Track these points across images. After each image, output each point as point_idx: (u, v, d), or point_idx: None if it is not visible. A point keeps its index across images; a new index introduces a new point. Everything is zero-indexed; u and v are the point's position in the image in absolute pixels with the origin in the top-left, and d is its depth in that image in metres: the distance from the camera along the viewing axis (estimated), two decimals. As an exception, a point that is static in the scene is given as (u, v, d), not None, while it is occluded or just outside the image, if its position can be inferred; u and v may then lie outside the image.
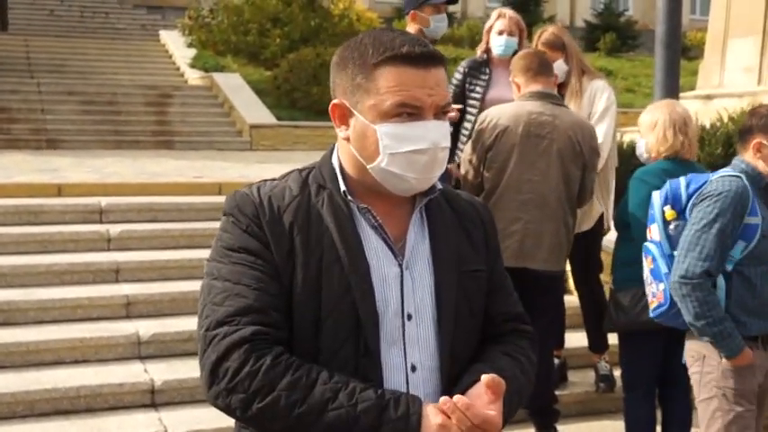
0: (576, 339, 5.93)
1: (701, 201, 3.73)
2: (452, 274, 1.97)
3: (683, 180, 3.91)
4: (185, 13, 19.72)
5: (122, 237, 7.03)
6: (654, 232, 3.99)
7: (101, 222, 7.30)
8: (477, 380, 1.82)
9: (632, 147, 5.78)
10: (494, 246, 2.12)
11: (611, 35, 23.57)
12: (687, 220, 3.81)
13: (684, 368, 4.72)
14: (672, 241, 3.87)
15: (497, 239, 2.16)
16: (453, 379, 1.91)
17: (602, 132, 5.30)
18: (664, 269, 3.89)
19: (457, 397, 1.75)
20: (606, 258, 5.69)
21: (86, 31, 21.33)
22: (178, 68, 17.70)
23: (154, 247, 7.02)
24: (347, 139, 1.94)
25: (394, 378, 1.88)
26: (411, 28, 5.59)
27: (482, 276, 2.04)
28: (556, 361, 5.61)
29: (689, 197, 3.83)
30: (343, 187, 1.94)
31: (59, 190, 7.89)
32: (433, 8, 5.48)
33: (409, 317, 1.92)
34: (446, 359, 1.93)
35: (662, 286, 3.91)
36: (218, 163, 11.10)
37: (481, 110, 5.37)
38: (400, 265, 1.93)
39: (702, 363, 3.80)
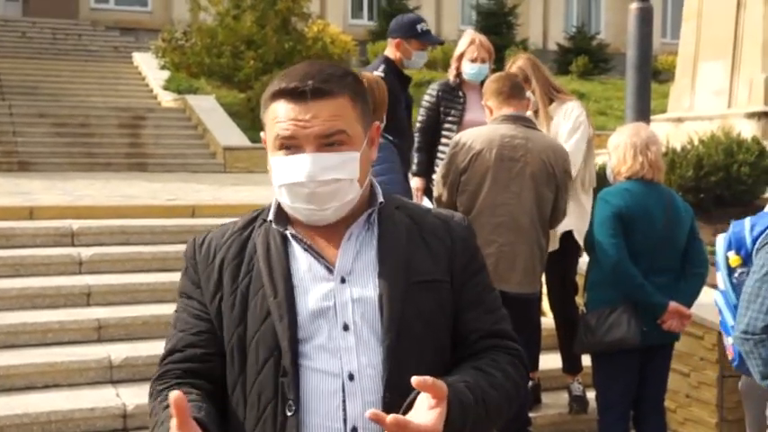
0: (550, 361, 5.93)
1: (763, 246, 3.24)
2: (398, 285, 1.97)
3: (747, 222, 3.51)
4: (159, 36, 19.68)
5: (94, 260, 6.97)
6: (719, 281, 3.67)
7: (72, 245, 7.24)
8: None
9: (604, 169, 5.83)
10: (466, 261, 2.09)
11: (583, 58, 23.74)
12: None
13: (659, 389, 4.76)
14: (737, 290, 3.46)
15: (475, 256, 2.12)
16: (405, 391, 1.85)
17: (570, 146, 5.32)
18: (730, 321, 3.56)
19: (391, 417, 1.74)
20: (581, 281, 5.72)
21: (59, 53, 21.19)
22: (151, 90, 17.66)
23: (126, 271, 6.97)
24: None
25: (328, 387, 1.92)
26: (391, 53, 5.67)
27: (441, 287, 2.03)
28: (530, 383, 5.60)
29: (753, 241, 3.40)
30: (270, 216, 2.04)
31: (31, 213, 7.81)
32: (420, 44, 5.62)
33: (346, 327, 1.95)
34: (390, 369, 1.92)
35: (730, 340, 3.58)
36: (192, 185, 11.06)
37: (459, 131, 5.43)
38: (335, 280, 1.99)
39: None
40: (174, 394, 1.70)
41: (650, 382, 4.70)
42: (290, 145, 1.94)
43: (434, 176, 5.63)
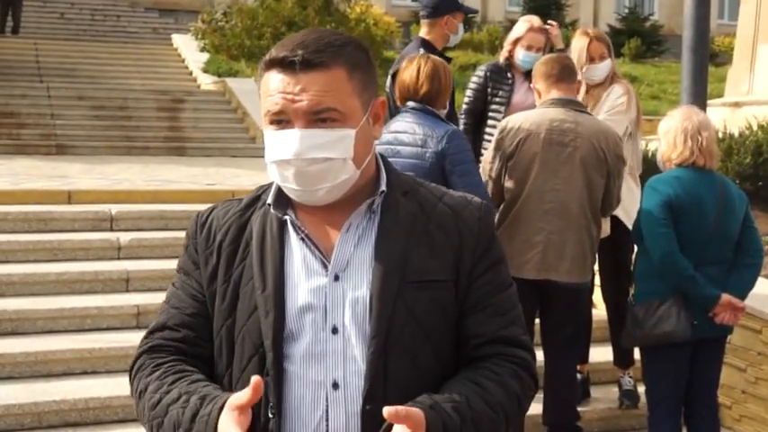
0: (599, 354, 5.82)
1: None
2: (390, 285, 1.84)
3: None
4: (198, 17, 19.65)
5: (133, 245, 6.96)
6: None
7: (111, 230, 7.23)
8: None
9: (655, 155, 5.68)
10: (476, 258, 1.92)
11: (635, 40, 23.26)
12: None
13: (712, 383, 4.60)
14: None
15: (488, 251, 1.95)
16: (390, 402, 1.74)
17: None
18: None
19: None
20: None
21: (97, 34, 21.23)
22: (191, 73, 17.62)
23: (165, 256, 6.91)
24: None
25: (311, 396, 1.84)
26: (434, 34, 5.62)
27: (442, 288, 1.89)
28: (579, 376, 5.47)
29: None
30: (270, 199, 1.94)
31: (69, 197, 7.81)
32: (463, 15, 5.71)
33: (335, 330, 1.85)
34: (372, 379, 1.82)
35: None
36: (232, 170, 10.99)
37: (506, 114, 5.37)
38: (329, 277, 1.88)
39: None
40: (256, 379, 1.68)
41: (702, 377, 4.58)
42: (280, 119, 1.83)
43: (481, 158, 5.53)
